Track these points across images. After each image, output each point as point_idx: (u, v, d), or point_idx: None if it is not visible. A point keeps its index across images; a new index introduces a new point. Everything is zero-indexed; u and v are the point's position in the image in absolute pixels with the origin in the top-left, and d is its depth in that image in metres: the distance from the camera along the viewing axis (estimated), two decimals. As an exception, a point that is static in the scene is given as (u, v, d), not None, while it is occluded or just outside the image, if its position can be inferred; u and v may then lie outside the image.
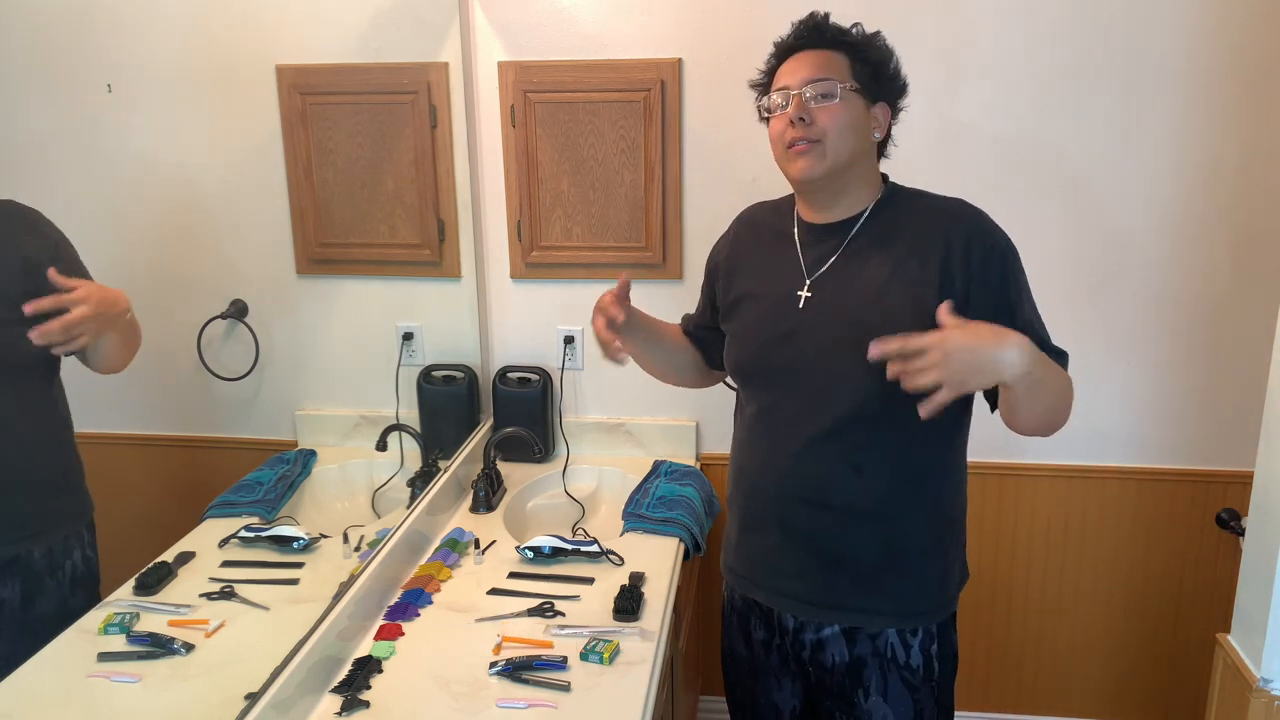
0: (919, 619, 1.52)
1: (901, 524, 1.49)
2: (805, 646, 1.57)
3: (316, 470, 1.69)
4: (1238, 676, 1.65)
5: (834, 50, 1.45)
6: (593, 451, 2.46)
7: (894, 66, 1.49)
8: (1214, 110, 2.12)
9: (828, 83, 1.42)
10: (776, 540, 1.55)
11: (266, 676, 1.38)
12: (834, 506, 1.49)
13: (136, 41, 1.30)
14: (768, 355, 1.52)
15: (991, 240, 1.43)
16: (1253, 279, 2.20)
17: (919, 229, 1.45)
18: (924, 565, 1.52)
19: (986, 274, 1.41)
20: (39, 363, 1.16)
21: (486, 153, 2.34)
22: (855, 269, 1.47)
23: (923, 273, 1.42)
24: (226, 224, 1.50)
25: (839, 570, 1.51)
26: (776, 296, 1.52)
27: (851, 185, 1.48)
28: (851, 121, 1.43)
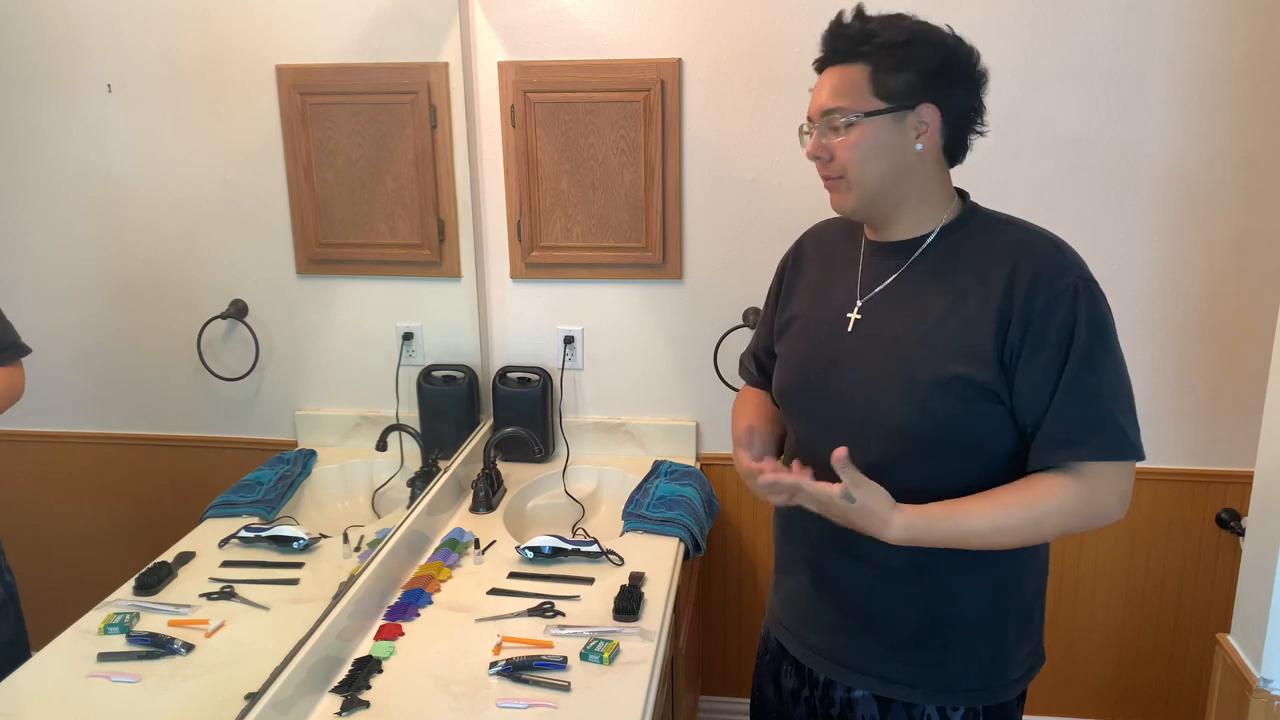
0: (961, 698, 1.36)
1: (945, 587, 1.33)
2: (835, 704, 1.44)
3: (316, 470, 1.68)
4: (1238, 676, 1.65)
5: (853, 63, 1.29)
6: (593, 451, 2.46)
7: (940, 59, 1.28)
8: (1215, 109, 2.12)
9: (836, 114, 1.29)
10: (807, 588, 1.44)
11: (266, 676, 1.38)
12: (868, 559, 1.34)
13: (136, 41, 1.30)
14: (809, 381, 1.40)
15: (1063, 284, 1.24)
16: (1253, 279, 2.20)
17: (988, 261, 1.29)
18: (973, 638, 1.35)
19: (1047, 320, 1.23)
20: None
21: (486, 153, 2.34)
22: (910, 296, 1.33)
23: (982, 312, 1.26)
24: (226, 224, 1.50)
25: (871, 632, 1.38)
26: (826, 319, 1.40)
27: (907, 205, 1.34)
28: (874, 146, 1.28)
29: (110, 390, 1.33)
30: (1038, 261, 1.27)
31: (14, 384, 1.17)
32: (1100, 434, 1.25)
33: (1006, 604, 1.36)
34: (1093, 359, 1.25)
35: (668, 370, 2.42)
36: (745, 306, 2.32)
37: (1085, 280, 1.26)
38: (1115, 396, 1.27)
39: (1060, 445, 1.25)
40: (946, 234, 1.34)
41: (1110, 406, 1.26)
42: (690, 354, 2.37)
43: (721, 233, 2.30)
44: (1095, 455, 1.25)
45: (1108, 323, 1.28)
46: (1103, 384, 1.25)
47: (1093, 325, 1.25)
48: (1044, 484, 1.26)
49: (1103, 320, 1.27)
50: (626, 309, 2.39)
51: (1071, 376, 1.24)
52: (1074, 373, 1.24)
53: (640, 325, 2.40)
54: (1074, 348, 1.24)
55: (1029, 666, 1.41)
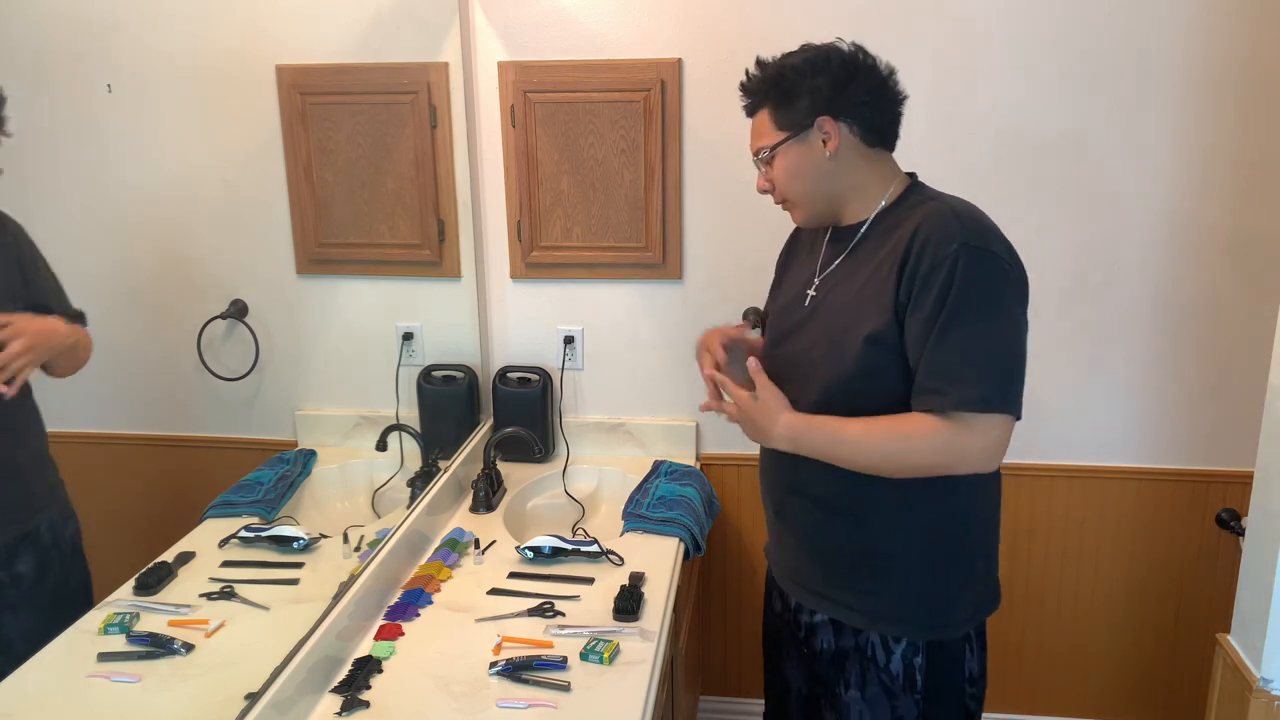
0: (899, 627, 1.52)
1: (878, 527, 1.50)
2: (802, 628, 1.64)
3: (316, 470, 1.69)
4: (1238, 676, 1.65)
5: (759, 110, 1.51)
6: (593, 451, 2.46)
7: (819, 79, 1.45)
8: (1214, 110, 2.12)
9: (760, 154, 1.52)
10: (774, 521, 1.67)
11: (266, 676, 1.38)
12: (813, 498, 1.55)
13: (136, 41, 1.30)
14: (776, 346, 1.62)
15: (948, 248, 1.36)
16: (1253, 279, 2.20)
17: (903, 231, 1.44)
18: (906, 575, 1.50)
19: (929, 281, 1.37)
20: None
21: (486, 153, 2.34)
22: (849, 272, 1.51)
23: (888, 276, 1.42)
24: (226, 224, 1.50)
25: (819, 561, 1.58)
26: (795, 293, 1.61)
27: (846, 198, 1.52)
28: (793, 168, 1.49)
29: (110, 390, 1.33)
30: (931, 228, 1.40)
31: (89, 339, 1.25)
32: (962, 386, 1.36)
33: (942, 549, 1.51)
34: (963, 317, 1.35)
35: (668, 370, 2.42)
36: (745, 306, 2.32)
37: (970, 247, 1.36)
38: (985, 354, 1.37)
39: (926, 393, 1.39)
40: (883, 215, 1.51)
41: (979, 363, 1.36)
42: (690, 354, 2.37)
43: (721, 233, 2.30)
44: (955, 405, 1.37)
45: (987, 287, 1.37)
46: (971, 341, 1.36)
47: (967, 287, 1.35)
48: (917, 420, 1.40)
49: (980, 284, 1.36)
50: (626, 309, 2.39)
51: (942, 332, 1.36)
52: (944, 329, 1.36)
53: (640, 325, 2.40)
54: (947, 306, 1.36)
55: (973, 611, 1.55)
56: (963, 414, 1.37)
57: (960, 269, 1.35)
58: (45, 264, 1.20)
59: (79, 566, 1.27)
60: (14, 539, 1.19)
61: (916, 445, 1.40)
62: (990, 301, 1.37)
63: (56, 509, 1.25)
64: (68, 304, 1.23)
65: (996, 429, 1.38)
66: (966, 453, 1.39)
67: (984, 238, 1.38)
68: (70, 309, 1.24)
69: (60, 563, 1.25)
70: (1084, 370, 2.30)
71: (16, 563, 1.19)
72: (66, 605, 1.20)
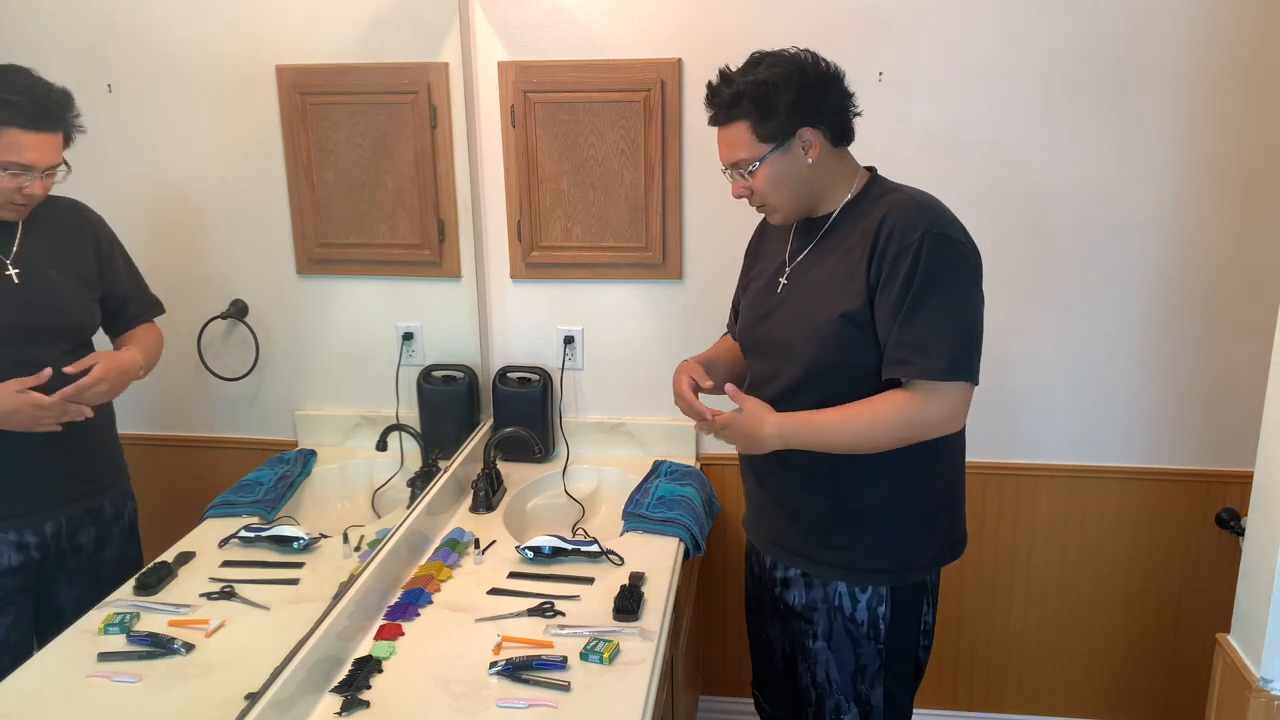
0: (867, 577, 1.65)
1: (848, 484, 1.62)
2: (776, 584, 1.75)
3: (316, 470, 1.69)
4: (1238, 676, 1.65)
5: (735, 121, 1.56)
6: (593, 451, 2.46)
7: (797, 91, 1.53)
8: (1214, 110, 2.12)
9: (739, 165, 1.58)
10: (754, 489, 1.77)
11: (266, 676, 1.38)
12: (789, 462, 1.64)
13: (136, 41, 1.30)
14: (752, 329, 1.73)
15: (913, 235, 1.50)
16: (1253, 279, 2.20)
17: (869, 221, 1.56)
18: (875, 526, 1.64)
19: (896, 264, 1.50)
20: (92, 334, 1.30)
21: (486, 153, 2.34)
22: (819, 258, 1.63)
23: (858, 260, 1.54)
24: (226, 224, 1.50)
25: (796, 521, 1.69)
26: (767, 280, 1.72)
27: (820, 196, 1.62)
28: (778, 177, 1.57)
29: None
30: (897, 217, 1.53)
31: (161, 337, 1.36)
32: (927, 357, 1.50)
33: (908, 501, 1.63)
34: (927, 296, 1.49)
35: (668, 370, 2.39)
36: (745, 306, 2.32)
37: (933, 234, 1.50)
38: (947, 328, 1.51)
39: (894, 363, 1.52)
40: (848, 208, 1.63)
41: (941, 336, 1.50)
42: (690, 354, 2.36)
43: (721, 233, 2.30)
44: (921, 374, 1.51)
45: (948, 269, 1.51)
46: (934, 317, 1.50)
47: (931, 269, 1.49)
48: (884, 397, 1.55)
49: (941, 266, 1.50)
50: (626, 309, 2.39)
51: (908, 309, 1.50)
52: (910, 306, 1.49)
53: (640, 325, 2.40)
54: (914, 287, 1.49)
55: (937, 553, 1.68)
56: (928, 383, 1.51)
57: (924, 253, 1.49)
58: (125, 256, 1.30)
59: (134, 545, 1.35)
60: (80, 512, 1.28)
61: (887, 421, 1.53)
62: (951, 282, 1.51)
63: (120, 488, 1.34)
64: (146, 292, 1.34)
65: (957, 394, 1.53)
66: (930, 420, 1.54)
67: (944, 224, 1.53)
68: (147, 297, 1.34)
69: (119, 539, 1.33)
70: (1084, 370, 2.30)
71: (80, 534, 1.28)
72: (117, 581, 1.27)
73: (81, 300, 1.28)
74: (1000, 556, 2.44)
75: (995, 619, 2.49)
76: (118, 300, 1.33)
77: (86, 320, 1.28)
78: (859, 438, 1.56)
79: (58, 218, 1.21)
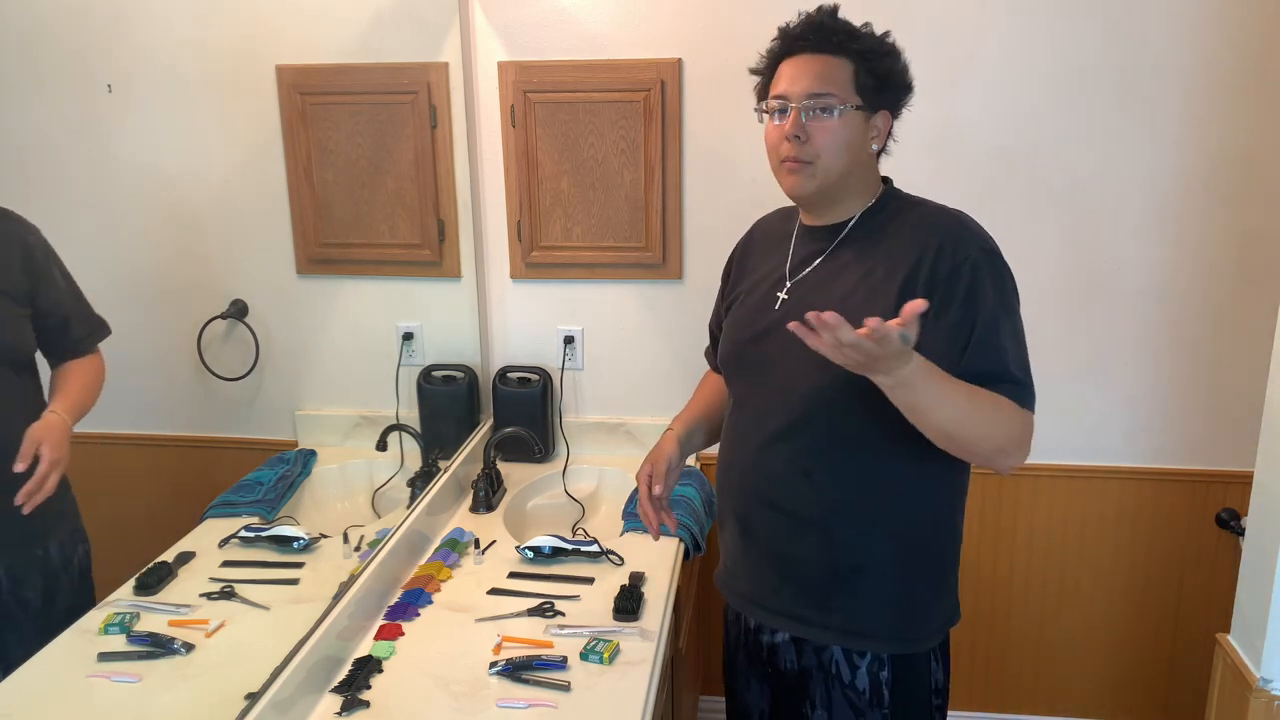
0: (867, 642, 1.46)
1: (850, 539, 1.44)
2: (763, 648, 1.57)
3: (316, 470, 1.69)
4: (1238, 676, 1.65)
5: (839, 56, 1.38)
6: (593, 451, 2.46)
7: (902, 72, 1.43)
8: (1214, 110, 2.12)
9: (827, 98, 1.37)
10: (736, 538, 1.56)
11: (266, 676, 1.38)
12: (784, 510, 1.47)
13: (136, 42, 1.30)
14: (742, 351, 1.53)
15: (965, 252, 1.36)
16: (1253, 279, 2.20)
17: (899, 238, 1.41)
18: (877, 588, 1.45)
19: (952, 287, 1.35)
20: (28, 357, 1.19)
21: (486, 153, 2.34)
22: (832, 274, 1.45)
23: (887, 281, 1.38)
24: (226, 224, 1.50)
25: (788, 578, 1.50)
26: (760, 295, 1.53)
27: (846, 193, 1.45)
28: (849, 140, 1.38)
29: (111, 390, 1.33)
30: (943, 234, 1.38)
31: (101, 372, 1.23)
32: (1003, 385, 1.35)
33: (912, 559, 1.46)
34: (998, 321, 1.36)
35: (668, 370, 2.42)
36: (745, 306, 2.32)
37: (986, 251, 1.38)
38: (1017, 355, 1.38)
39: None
40: (867, 217, 1.46)
41: (1011, 363, 1.36)
42: (690, 354, 2.37)
43: (721, 233, 2.29)
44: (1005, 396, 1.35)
45: (1007, 289, 1.39)
46: (1005, 343, 1.36)
47: (997, 291, 1.36)
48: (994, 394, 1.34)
49: (1002, 287, 1.38)
50: (626, 309, 2.39)
51: (980, 337, 1.34)
52: (982, 333, 1.34)
53: (640, 325, 2.40)
54: (981, 311, 1.35)
55: (940, 623, 1.50)
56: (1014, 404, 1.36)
57: (986, 273, 1.36)
58: (64, 271, 1.17)
59: (86, 590, 1.26)
60: (23, 561, 1.18)
61: (1005, 422, 1.34)
62: (1012, 304, 1.39)
63: (67, 532, 1.24)
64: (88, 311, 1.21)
65: (1029, 425, 1.38)
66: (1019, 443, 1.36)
67: (992, 242, 1.40)
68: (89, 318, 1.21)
69: (70, 587, 1.24)
70: (1084, 370, 2.30)
71: (24, 587, 1.18)
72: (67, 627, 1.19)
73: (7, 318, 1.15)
74: (1000, 556, 2.44)
75: (995, 619, 2.49)
76: (57, 320, 1.19)
77: (15, 341, 1.16)
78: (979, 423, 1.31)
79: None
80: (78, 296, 1.20)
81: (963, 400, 1.31)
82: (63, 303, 1.19)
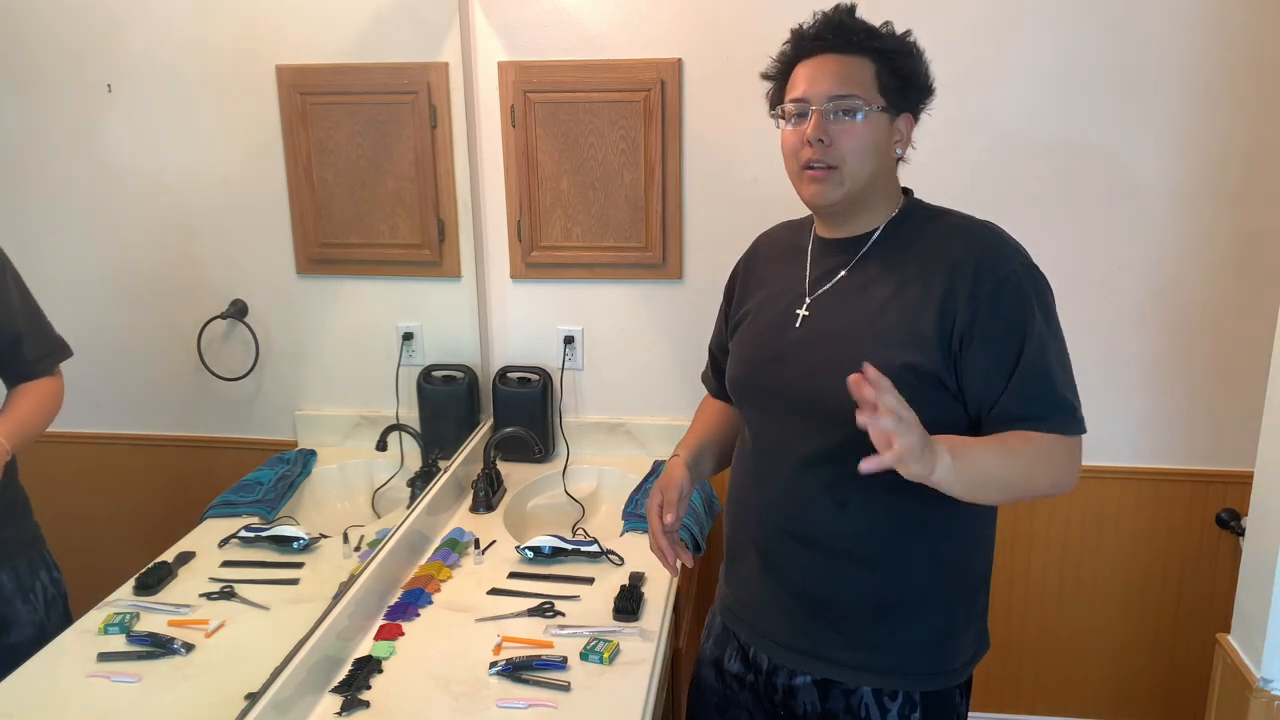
0: (901, 681, 1.37)
1: (891, 570, 1.35)
2: (778, 690, 1.45)
3: (316, 470, 1.69)
4: (1238, 676, 1.65)
5: (860, 56, 1.31)
6: (593, 451, 2.46)
7: (925, 73, 1.36)
8: (1216, 109, 2.12)
9: (852, 100, 1.29)
10: (758, 575, 1.45)
11: (266, 676, 1.38)
12: (817, 543, 1.37)
13: (136, 41, 1.30)
14: (758, 375, 1.43)
15: (1006, 269, 1.28)
16: (1253, 278, 2.20)
17: (930, 251, 1.32)
18: (919, 620, 1.36)
19: (995, 306, 1.27)
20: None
21: (486, 153, 2.34)
22: (857, 289, 1.36)
23: (924, 299, 1.29)
24: (226, 224, 1.50)
25: (820, 616, 1.39)
26: (776, 313, 1.42)
27: (869, 202, 1.37)
28: (874, 143, 1.31)
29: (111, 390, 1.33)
30: (980, 250, 1.31)
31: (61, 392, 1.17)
32: (1056, 411, 1.29)
33: (952, 585, 1.39)
34: (1045, 342, 1.29)
35: (668, 370, 2.42)
36: (745, 306, 2.32)
37: (1028, 266, 1.31)
38: (1064, 377, 1.32)
39: (1020, 420, 1.28)
40: (891, 229, 1.38)
41: (1062, 387, 1.30)
42: (690, 354, 2.37)
43: (721, 233, 2.30)
44: (1054, 429, 1.29)
45: (1052, 306, 1.32)
46: (1053, 365, 1.29)
47: (1042, 310, 1.30)
48: (1036, 438, 1.27)
49: (1045, 304, 1.31)
50: (626, 309, 2.39)
51: (1029, 360, 1.27)
52: (1030, 356, 1.28)
53: (640, 325, 2.40)
54: (1028, 332, 1.28)
55: (974, 652, 1.43)
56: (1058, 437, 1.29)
57: (1029, 292, 1.29)
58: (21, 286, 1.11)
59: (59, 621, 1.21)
60: None
61: (1048, 466, 1.29)
62: (1056, 323, 1.33)
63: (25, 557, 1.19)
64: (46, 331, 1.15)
65: (1079, 448, 1.32)
66: (1064, 476, 1.31)
67: (1028, 256, 1.33)
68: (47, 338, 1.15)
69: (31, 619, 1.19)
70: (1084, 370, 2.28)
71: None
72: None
73: None
74: (1000, 556, 2.43)
75: (995, 619, 2.47)
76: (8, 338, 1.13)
77: None
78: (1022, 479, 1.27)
79: None
80: (36, 315, 1.14)
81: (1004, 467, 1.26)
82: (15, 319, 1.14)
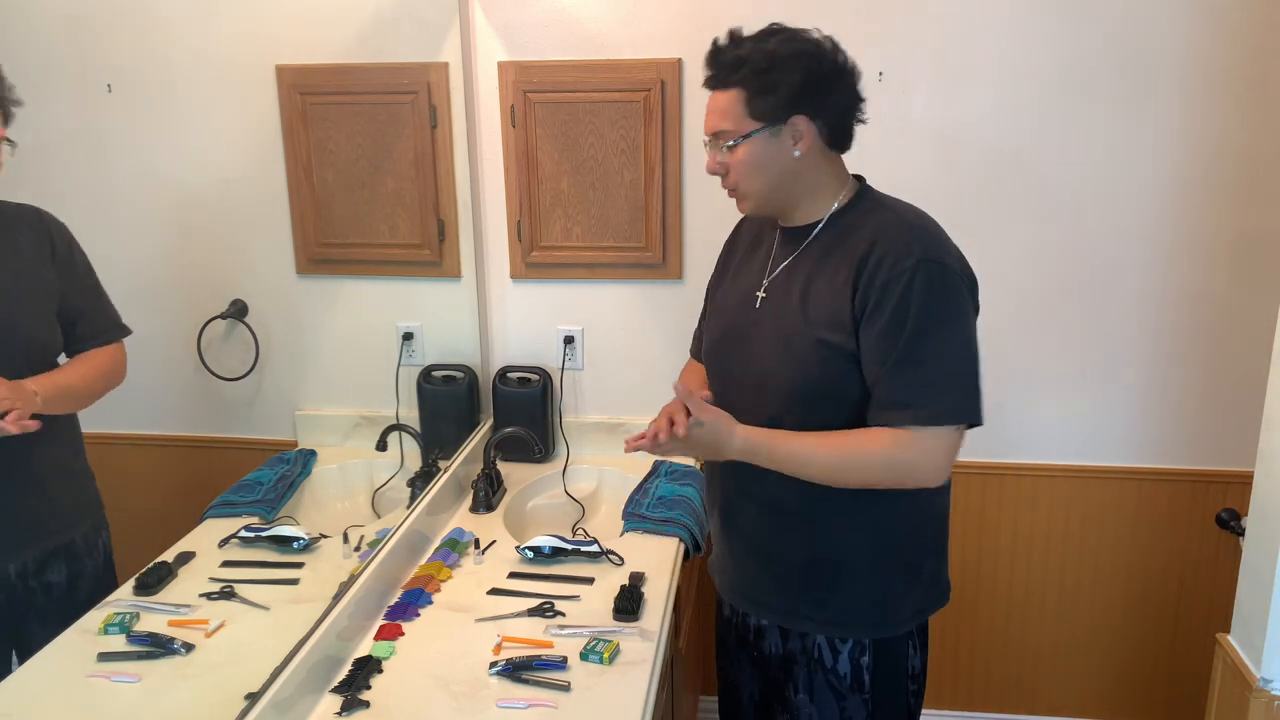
0: (848, 630, 1.53)
1: (828, 531, 1.50)
2: (750, 632, 1.65)
3: (316, 470, 1.69)
4: (1238, 676, 1.65)
5: (728, 89, 1.44)
6: (593, 451, 2.46)
7: (803, 76, 1.40)
8: (1213, 111, 2.12)
9: (723, 135, 1.45)
10: (720, 529, 1.65)
11: (266, 676, 1.38)
12: (761, 501, 1.54)
13: (136, 41, 1.30)
14: (725, 349, 1.59)
15: (905, 263, 1.37)
16: (1253, 279, 2.20)
17: (858, 240, 1.43)
18: (856, 582, 1.51)
19: (884, 295, 1.37)
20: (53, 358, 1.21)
21: (486, 153, 2.34)
22: (800, 274, 1.49)
23: (843, 285, 1.42)
24: (226, 224, 1.50)
25: (767, 569, 1.57)
26: (741, 295, 1.58)
27: (800, 199, 1.50)
28: (756, 161, 1.44)
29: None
30: (888, 241, 1.40)
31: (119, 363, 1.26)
32: (923, 401, 1.38)
33: (890, 554, 1.51)
34: (925, 333, 1.37)
35: (668, 370, 2.41)
36: (745, 306, 2.32)
37: (926, 261, 1.38)
38: (940, 369, 1.39)
39: (885, 408, 1.40)
40: (836, 218, 1.49)
41: (934, 378, 1.38)
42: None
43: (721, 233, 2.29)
44: (917, 420, 1.38)
45: (945, 300, 1.39)
46: (928, 358, 1.37)
47: (927, 303, 1.37)
48: (869, 436, 1.41)
49: (938, 298, 1.38)
50: (626, 309, 2.39)
51: (901, 348, 1.37)
52: (904, 345, 1.37)
53: (640, 325, 2.40)
54: (906, 322, 1.36)
55: (919, 609, 1.56)
56: (920, 428, 1.38)
57: (918, 284, 1.36)
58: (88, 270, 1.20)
59: (109, 577, 1.28)
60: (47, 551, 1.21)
61: (868, 461, 1.41)
62: (948, 315, 1.39)
63: (91, 521, 1.27)
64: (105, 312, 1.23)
65: (945, 440, 1.40)
66: (919, 469, 1.41)
67: (938, 250, 1.40)
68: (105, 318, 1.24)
69: (94, 572, 1.27)
70: (1084, 370, 2.30)
71: (48, 572, 1.21)
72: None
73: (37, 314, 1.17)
74: (1000, 556, 2.44)
75: (995, 619, 2.49)
76: (70, 315, 1.22)
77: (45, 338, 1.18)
78: (829, 470, 1.43)
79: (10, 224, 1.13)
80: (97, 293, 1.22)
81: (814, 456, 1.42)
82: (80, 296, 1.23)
